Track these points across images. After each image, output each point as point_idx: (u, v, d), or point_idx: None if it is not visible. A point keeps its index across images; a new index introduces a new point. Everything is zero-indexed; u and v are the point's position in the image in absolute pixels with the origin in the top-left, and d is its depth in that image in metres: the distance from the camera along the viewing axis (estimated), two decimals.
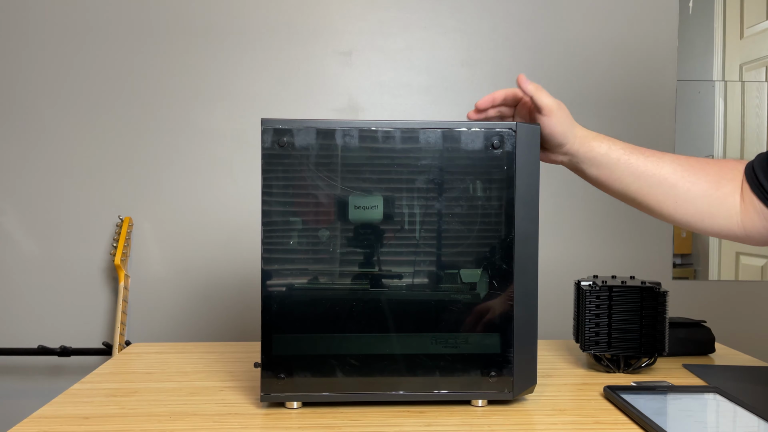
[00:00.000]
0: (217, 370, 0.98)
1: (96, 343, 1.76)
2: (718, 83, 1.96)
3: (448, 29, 1.79)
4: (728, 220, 0.84)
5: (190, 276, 1.78)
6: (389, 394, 0.81)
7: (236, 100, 1.77)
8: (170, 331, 1.78)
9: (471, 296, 0.81)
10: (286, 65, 1.77)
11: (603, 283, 0.97)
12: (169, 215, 1.77)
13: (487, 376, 0.81)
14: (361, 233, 0.80)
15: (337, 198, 0.79)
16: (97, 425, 0.76)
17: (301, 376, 0.80)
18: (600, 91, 1.79)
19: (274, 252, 0.79)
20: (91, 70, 1.76)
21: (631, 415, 0.77)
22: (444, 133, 0.79)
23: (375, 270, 0.80)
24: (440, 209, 0.80)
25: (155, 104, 1.76)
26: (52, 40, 1.75)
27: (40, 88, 1.76)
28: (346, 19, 1.78)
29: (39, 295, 1.77)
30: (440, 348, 0.81)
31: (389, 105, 1.79)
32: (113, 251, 1.69)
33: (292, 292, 0.80)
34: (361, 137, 0.79)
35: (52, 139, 1.76)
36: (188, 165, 1.77)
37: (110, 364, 1.02)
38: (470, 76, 1.79)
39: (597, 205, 1.80)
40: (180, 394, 0.87)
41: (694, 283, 1.90)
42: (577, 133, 0.85)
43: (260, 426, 0.76)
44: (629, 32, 1.80)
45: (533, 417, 0.79)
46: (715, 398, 0.84)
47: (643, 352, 0.96)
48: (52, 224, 1.77)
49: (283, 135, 0.78)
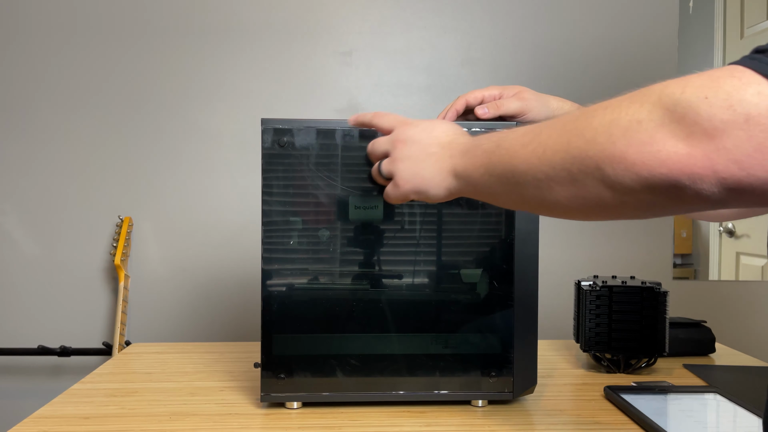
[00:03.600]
0: (217, 370, 0.98)
1: (96, 343, 1.76)
2: None
3: (448, 29, 1.79)
4: None
5: (190, 276, 1.78)
6: (389, 394, 0.81)
7: (236, 100, 1.77)
8: (170, 331, 1.78)
9: (471, 296, 0.81)
10: (286, 65, 1.77)
11: (603, 283, 0.97)
12: (169, 215, 1.77)
13: (487, 376, 0.81)
14: (361, 233, 0.80)
15: (337, 198, 0.79)
16: (97, 425, 0.76)
17: (301, 376, 0.80)
18: (600, 91, 1.79)
19: (274, 252, 0.79)
20: (91, 70, 1.76)
21: (632, 416, 0.77)
22: None
23: (375, 270, 0.80)
24: (440, 209, 0.80)
25: (155, 104, 1.76)
26: (52, 40, 1.75)
27: (40, 88, 1.76)
28: (346, 19, 1.78)
29: (39, 295, 1.77)
30: (440, 348, 0.81)
31: (389, 105, 1.78)
32: (113, 251, 1.69)
33: (292, 292, 0.80)
34: (361, 137, 0.79)
35: (52, 139, 1.76)
36: (188, 165, 1.77)
37: (110, 364, 1.02)
38: (470, 76, 1.79)
39: None
40: (180, 394, 0.87)
41: (694, 283, 1.90)
42: (553, 106, 0.84)
43: (260, 426, 0.76)
44: (629, 32, 1.80)
45: (533, 417, 0.79)
46: (715, 398, 0.84)
47: (644, 352, 0.96)
48: (52, 224, 1.77)
49: (283, 135, 0.78)
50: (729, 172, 0.40)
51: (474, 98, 0.83)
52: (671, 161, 0.42)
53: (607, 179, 0.46)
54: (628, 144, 0.44)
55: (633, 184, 0.44)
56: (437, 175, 0.64)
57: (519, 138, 0.54)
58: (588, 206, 0.49)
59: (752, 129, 0.39)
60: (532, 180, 0.52)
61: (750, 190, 0.41)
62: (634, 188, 0.45)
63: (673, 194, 0.43)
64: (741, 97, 0.40)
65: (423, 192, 0.65)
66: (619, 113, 0.45)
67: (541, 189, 0.52)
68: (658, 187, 0.43)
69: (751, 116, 0.39)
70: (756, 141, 0.39)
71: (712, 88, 0.41)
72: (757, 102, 0.39)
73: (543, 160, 0.51)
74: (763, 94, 0.40)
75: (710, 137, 0.41)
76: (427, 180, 0.65)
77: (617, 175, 0.45)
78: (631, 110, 0.45)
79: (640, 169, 0.43)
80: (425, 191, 0.65)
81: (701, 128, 0.41)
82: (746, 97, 0.40)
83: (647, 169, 0.43)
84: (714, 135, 0.40)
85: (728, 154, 0.40)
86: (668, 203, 0.44)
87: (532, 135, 0.53)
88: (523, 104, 0.81)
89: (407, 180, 0.66)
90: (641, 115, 0.44)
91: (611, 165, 0.45)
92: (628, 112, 0.45)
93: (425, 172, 0.65)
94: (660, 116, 0.43)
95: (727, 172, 0.40)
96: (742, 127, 0.40)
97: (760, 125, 0.39)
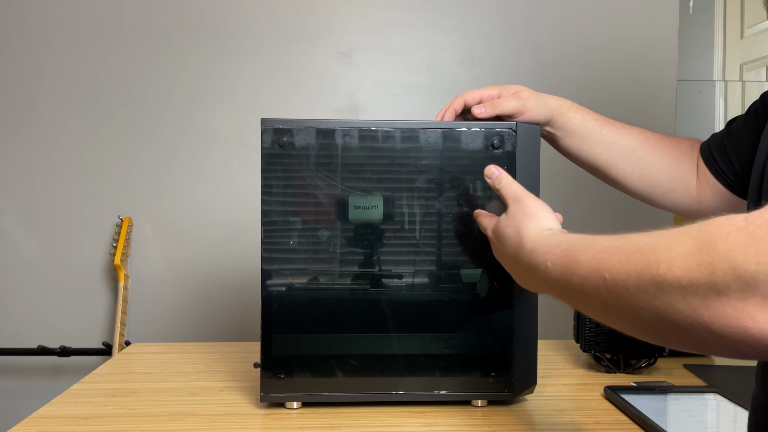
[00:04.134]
0: (217, 370, 0.98)
1: (96, 343, 1.76)
2: (718, 83, 1.96)
3: (448, 29, 1.79)
4: (685, 196, 0.86)
5: (190, 276, 1.78)
6: (389, 395, 0.81)
7: (236, 101, 1.77)
8: (170, 331, 1.78)
9: (471, 296, 0.81)
10: (286, 65, 1.77)
11: None
12: (169, 215, 1.77)
13: (487, 376, 0.81)
14: (361, 233, 0.80)
15: (337, 198, 0.79)
16: (97, 425, 0.76)
17: (301, 376, 0.80)
18: (600, 91, 1.79)
19: (274, 252, 0.79)
20: (91, 70, 1.76)
21: (632, 416, 0.77)
22: (444, 133, 0.79)
23: (375, 270, 0.80)
24: (440, 209, 0.80)
25: (155, 104, 1.76)
26: (52, 41, 1.75)
27: (40, 88, 1.76)
28: (346, 19, 1.78)
29: (39, 295, 1.77)
30: (440, 348, 0.81)
31: (389, 105, 1.78)
32: (113, 251, 1.69)
33: (292, 292, 0.80)
34: (361, 137, 0.79)
35: (52, 139, 1.76)
36: (188, 165, 1.77)
37: (110, 364, 1.02)
38: (470, 75, 1.79)
39: (597, 205, 1.80)
40: (180, 394, 0.87)
41: None
42: (551, 105, 0.85)
43: (260, 426, 0.76)
44: (629, 32, 1.80)
45: (533, 417, 0.79)
46: (715, 398, 0.84)
47: (644, 352, 0.96)
48: (52, 224, 1.77)
49: (283, 135, 0.78)
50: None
51: (472, 98, 0.83)
52: (762, 334, 0.39)
53: (693, 341, 0.43)
54: (712, 317, 0.40)
55: (721, 347, 0.42)
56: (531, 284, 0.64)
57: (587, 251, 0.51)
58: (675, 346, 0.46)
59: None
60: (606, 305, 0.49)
61: None
62: (721, 348, 0.42)
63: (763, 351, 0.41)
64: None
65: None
66: (692, 277, 0.41)
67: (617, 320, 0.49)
68: (747, 349, 0.41)
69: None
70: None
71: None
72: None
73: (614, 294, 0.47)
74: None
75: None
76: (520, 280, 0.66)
77: (702, 339, 0.42)
78: (705, 276, 0.40)
79: (730, 341, 0.41)
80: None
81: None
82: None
83: (740, 342, 0.40)
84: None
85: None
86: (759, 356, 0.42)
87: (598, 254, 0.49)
88: (521, 103, 0.81)
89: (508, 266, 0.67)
90: (716, 285, 0.40)
91: (695, 331, 0.42)
92: (702, 278, 0.40)
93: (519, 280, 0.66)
94: (740, 289, 0.39)
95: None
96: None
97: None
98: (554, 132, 0.86)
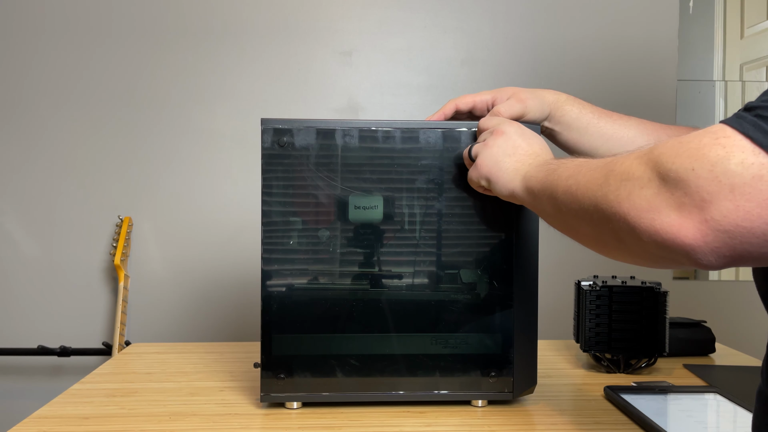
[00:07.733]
0: (217, 370, 0.98)
1: (96, 343, 1.76)
2: (718, 83, 1.96)
3: (448, 29, 1.79)
4: None
5: (190, 276, 1.78)
6: (389, 395, 0.81)
7: (236, 100, 1.77)
8: (170, 331, 1.78)
9: (471, 296, 0.81)
10: (286, 65, 1.77)
11: (603, 283, 0.97)
12: (169, 215, 1.77)
13: (487, 376, 0.81)
14: (361, 233, 0.80)
15: (337, 198, 0.79)
16: (97, 425, 0.76)
17: (301, 376, 0.80)
18: (600, 91, 1.79)
19: (274, 252, 0.79)
20: (91, 70, 1.76)
21: (632, 416, 0.77)
22: (444, 133, 0.79)
23: (375, 270, 0.80)
24: (440, 209, 0.80)
25: (155, 104, 1.76)
26: (52, 41, 1.75)
27: (40, 88, 1.76)
28: (346, 19, 1.78)
29: (39, 295, 1.77)
30: (440, 348, 0.81)
31: (389, 105, 1.78)
32: (113, 251, 1.69)
33: (292, 292, 0.80)
34: (361, 137, 0.79)
35: (52, 139, 1.76)
36: (188, 165, 1.77)
37: (110, 364, 1.02)
38: (470, 75, 1.79)
39: None
40: (180, 394, 0.87)
41: (694, 283, 1.90)
42: (548, 100, 0.84)
43: (260, 426, 0.76)
44: (629, 32, 1.80)
45: (533, 417, 0.79)
46: (715, 398, 0.84)
47: (644, 352, 0.96)
48: (52, 224, 1.77)
49: (283, 135, 0.78)
50: (720, 241, 0.41)
51: (464, 103, 0.83)
52: (665, 231, 0.44)
53: (616, 233, 0.48)
54: (630, 207, 0.46)
55: (637, 243, 0.46)
56: (510, 173, 0.68)
57: (568, 169, 0.58)
58: (607, 249, 0.52)
59: (738, 199, 0.40)
60: (567, 211, 0.56)
61: (746, 255, 0.42)
62: (638, 246, 0.47)
63: (673, 259, 0.45)
64: (725, 168, 0.41)
65: (493, 182, 0.70)
66: (630, 172, 0.47)
67: (572, 220, 0.56)
68: (658, 251, 0.45)
69: (735, 186, 0.40)
70: (743, 210, 0.40)
71: (698, 159, 0.42)
72: (741, 172, 0.40)
73: (575, 197, 0.54)
74: (746, 163, 0.40)
75: (699, 208, 0.41)
76: (501, 172, 0.69)
77: (623, 232, 0.47)
78: (638, 171, 0.46)
79: (641, 234, 0.45)
80: (494, 182, 0.70)
81: (691, 200, 0.42)
82: (730, 167, 0.40)
83: (646, 235, 0.45)
84: (702, 206, 0.41)
85: (717, 225, 0.41)
86: (672, 264, 0.46)
87: (576, 170, 0.56)
88: (523, 106, 0.81)
89: (486, 165, 0.71)
90: (643, 179, 0.46)
91: (617, 222, 0.48)
92: (636, 173, 0.47)
93: (503, 165, 0.70)
94: (657, 184, 0.44)
95: (719, 242, 0.41)
96: (728, 198, 0.40)
97: (745, 195, 0.40)
98: (552, 127, 0.86)
